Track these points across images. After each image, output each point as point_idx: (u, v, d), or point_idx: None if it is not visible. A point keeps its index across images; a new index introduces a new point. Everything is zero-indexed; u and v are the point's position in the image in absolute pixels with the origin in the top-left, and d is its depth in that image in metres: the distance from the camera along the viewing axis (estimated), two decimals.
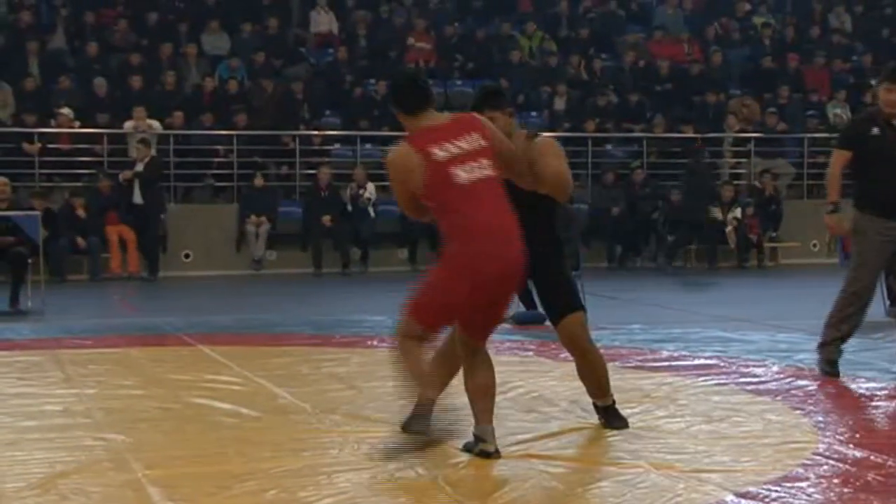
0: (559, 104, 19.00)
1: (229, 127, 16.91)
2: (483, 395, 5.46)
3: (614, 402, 6.09)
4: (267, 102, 17.61)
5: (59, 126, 16.41)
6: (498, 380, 7.41)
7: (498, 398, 6.87)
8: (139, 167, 15.61)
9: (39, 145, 16.07)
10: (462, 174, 5.02)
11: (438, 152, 5.02)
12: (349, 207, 16.37)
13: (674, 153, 18.32)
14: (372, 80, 18.48)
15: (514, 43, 20.00)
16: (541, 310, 10.41)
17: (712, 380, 7.46)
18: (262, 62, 18.43)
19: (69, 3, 19.03)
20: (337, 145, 17.80)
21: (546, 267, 5.78)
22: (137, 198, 15.61)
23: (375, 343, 9.17)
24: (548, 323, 10.26)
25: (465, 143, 5.07)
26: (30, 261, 11.88)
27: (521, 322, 10.39)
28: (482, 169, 5.08)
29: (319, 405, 6.56)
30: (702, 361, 8.17)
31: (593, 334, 6.16)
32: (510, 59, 19.58)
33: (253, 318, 10.88)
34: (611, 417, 6.05)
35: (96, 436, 5.90)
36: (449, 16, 20.71)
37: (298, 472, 5.15)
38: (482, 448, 5.38)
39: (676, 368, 7.90)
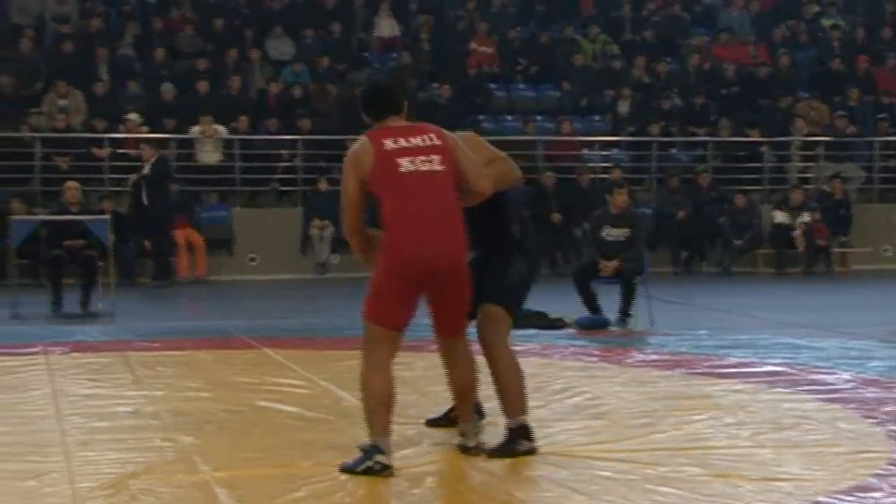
0: (623, 108, 18.91)
1: (294, 131, 17.03)
2: (460, 395, 5.61)
3: (519, 427, 5.48)
4: (331, 107, 17.70)
5: (127, 131, 16.63)
6: (562, 385, 7.44)
7: (563, 403, 6.88)
8: (146, 169, 15.12)
9: (109, 150, 16.29)
10: (406, 163, 5.19)
11: (389, 143, 5.24)
12: None
13: (740, 157, 18.15)
14: (435, 85, 18.50)
15: (576, 46, 19.93)
16: (604, 315, 10.49)
17: (781, 387, 7.37)
18: (326, 67, 18.54)
19: (138, 10, 19.28)
20: None
21: (488, 262, 5.58)
22: (145, 199, 15.09)
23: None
24: (612, 328, 10.36)
25: (417, 140, 5.27)
26: (100, 264, 12.05)
27: (585, 327, 10.35)
28: (429, 163, 5.22)
29: None
30: (770, 368, 8.08)
31: (658, 339, 6.09)
32: (573, 62, 19.51)
33: (317, 322, 10.94)
34: (506, 442, 5.47)
35: (165, 437, 5.97)
36: (512, 19, 20.69)
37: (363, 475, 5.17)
38: (463, 443, 5.54)
39: (744, 375, 7.81)
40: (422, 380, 7.74)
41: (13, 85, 16.98)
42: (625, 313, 10.52)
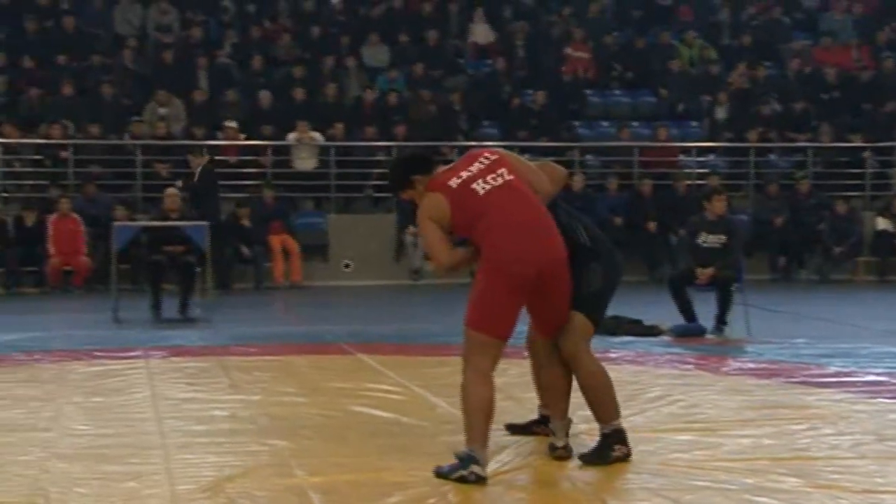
0: (720, 113, 18.68)
1: (389, 138, 17.13)
2: (553, 392, 5.70)
3: (613, 432, 5.49)
4: (426, 113, 17.77)
5: (225, 138, 16.88)
6: (658, 392, 7.37)
7: (659, 411, 6.81)
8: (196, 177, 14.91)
9: (208, 157, 16.54)
10: (480, 186, 5.31)
11: (454, 182, 5.35)
12: None
13: (841, 162, 17.82)
14: (530, 91, 18.48)
15: (673, 52, 19.75)
16: (700, 322, 10.36)
17: (884, 397, 7.21)
18: (421, 74, 18.62)
19: (237, 19, 19.57)
20: None
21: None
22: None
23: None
24: (708, 335, 10.23)
25: (476, 166, 5.38)
26: (198, 270, 12.23)
27: (680, 335, 10.25)
28: (500, 177, 5.34)
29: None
30: (872, 378, 7.91)
31: (755, 347, 6.01)
32: (670, 68, 19.35)
33: (411, 328, 10.98)
34: (599, 448, 5.49)
35: (261, 441, 6.04)
36: (608, 25, 20.58)
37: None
38: (552, 442, 5.59)
39: (845, 385, 7.66)
40: (515, 386, 7.72)
41: (116, 94, 17.34)
42: (721, 321, 10.39)
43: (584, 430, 5.94)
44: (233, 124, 16.86)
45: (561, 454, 5.56)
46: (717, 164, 18.01)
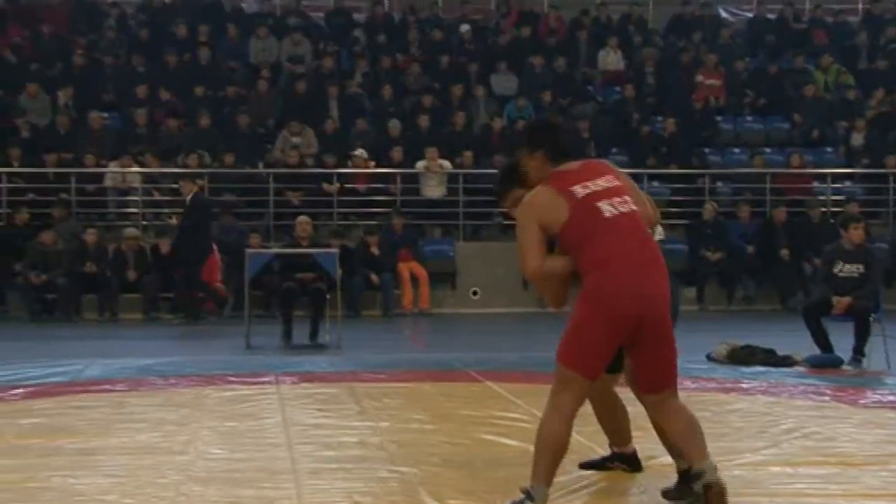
0: (857, 140, 18.25)
1: None
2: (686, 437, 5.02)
3: (697, 474, 5.00)
4: None
5: (355, 167, 17.10)
6: (792, 424, 7.20)
7: (793, 443, 6.64)
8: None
9: (338, 185, 16.79)
10: (608, 208, 4.91)
11: (579, 190, 4.92)
12: None
13: None
14: (659, 118, 18.32)
15: (808, 77, 19.38)
16: (837, 353, 10.10)
17: None
18: (550, 101, 18.61)
19: (367, 50, 19.85)
20: None
21: None
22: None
23: None
24: (845, 367, 9.96)
25: (603, 182, 4.98)
26: (328, 297, 12.39)
27: (815, 365, 10.01)
28: (626, 204, 4.96)
29: (605, 446, 6.48)
30: None
31: (895, 380, 5.81)
32: (804, 93, 18.98)
33: (540, 356, 10.92)
34: (677, 486, 5.26)
35: (390, 468, 6.06)
36: (740, 51, 20.29)
37: None
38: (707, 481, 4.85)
39: None
40: (643, 416, 7.62)
41: (251, 123, 17.72)
42: (858, 352, 10.11)
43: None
44: (362, 153, 17.08)
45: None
46: (854, 191, 17.59)
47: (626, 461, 5.88)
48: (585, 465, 5.95)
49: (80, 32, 19.54)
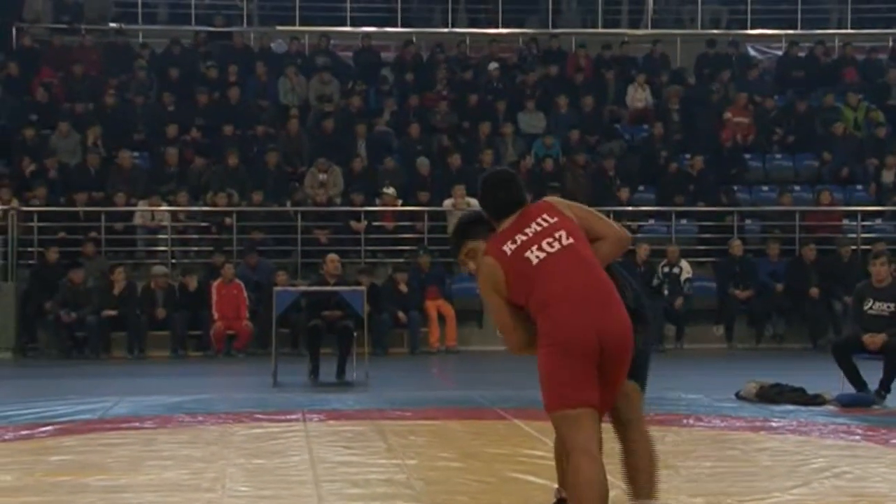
0: (887, 177, 18.16)
1: None
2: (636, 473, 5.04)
3: None
4: (580, 178, 17.73)
5: (383, 205, 17.14)
6: (823, 463, 7.12)
7: (823, 483, 6.57)
8: None
9: (365, 223, 16.83)
10: (536, 254, 4.84)
11: (508, 247, 4.89)
12: (664, 284, 16.12)
13: None
14: (687, 155, 18.30)
15: (837, 114, 19.32)
16: (869, 392, 10.00)
17: None
18: (577, 139, 18.63)
19: (395, 88, 19.94)
20: (651, 221, 17.70)
21: None
22: None
23: (691, 422, 8.96)
24: (876, 406, 9.86)
25: (533, 227, 4.91)
26: (355, 334, 12.39)
27: (846, 404, 9.92)
28: (557, 242, 4.86)
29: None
30: None
31: None
32: (833, 131, 18.92)
33: None
34: None
35: None
36: (768, 88, 20.27)
37: None
38: None
39: None
40: (671, 455, 7.57)
41: (279, 162, 17.82)
42: (886, 388, 10.02)
43: None
44: (390, 191, 17.12)
45: None
46: (885, 228, 17.48)
47: None
48: None
49: (112, 73, 19.73)
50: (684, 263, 16.24)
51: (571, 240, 4.88)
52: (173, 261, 16.65)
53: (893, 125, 19.22)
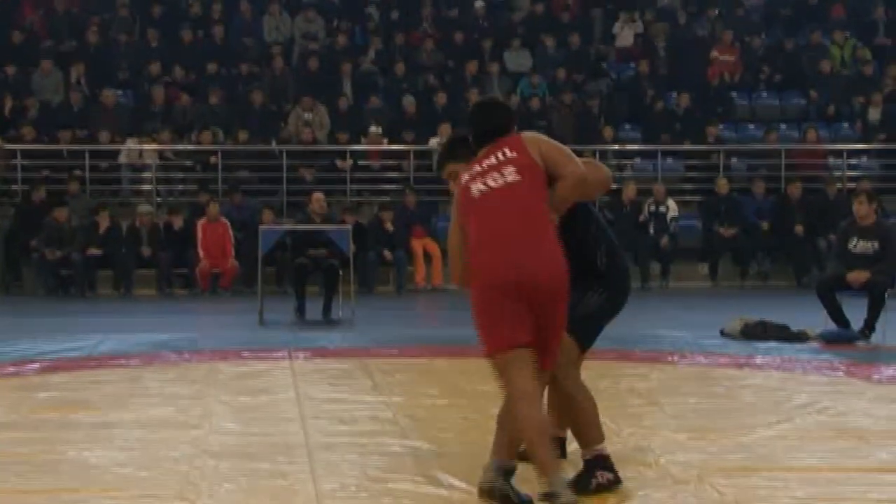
0: (874, 115, 18.15)
1: None
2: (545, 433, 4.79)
3: (595, 458, 5.03)
4: (566, 117, 17.69)
5: (369, 143, 17.09)
6: (806, 399, 7.19)
7: (806, 418, 6.63)
8: None
9: (351, 162, 16.78)
10: (478, 187, 4.82)
11: (465, 175, 4.92)
12: (650, 222, 16.14)
13: None
14: (673, 94, 18.25)
15: (824, 52, 19.26)
16: (852, 328, 10.07)
17: None
18: (564, 78, 18.55)
19: (381, 26, 19.79)
20: (637, 159, 17.69)
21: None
22: None
23: (676, 359, 9.02)
24: (860, 342, 9.93)
25: (490, 160, 4.85)
26: (341, 273, 12.40)
27: (830, 341, 9.99)
28: (501, 178, 4.79)
29: (618, 419, 6.50)
30: None
31: None
32: (820, 69, 18.87)
33: None
34: (581, 475, 5.02)
35: (403, 443, 6.08)
36: (755, 26, 20.17)
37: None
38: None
39: None
40: (656, 391, 7.63)
41: (264, 101, 17.71)
42: (869, 327, 10.09)
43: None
44: (375, 130, 17.06)
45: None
46: (871, 166, 17.51)
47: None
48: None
49: (94, 11, 19.51)
50: (671, 202, 16.25)
51: (518, 177, 4.78)
52: (158, 199, 16.60)
53: (880, 63, 19.17)
